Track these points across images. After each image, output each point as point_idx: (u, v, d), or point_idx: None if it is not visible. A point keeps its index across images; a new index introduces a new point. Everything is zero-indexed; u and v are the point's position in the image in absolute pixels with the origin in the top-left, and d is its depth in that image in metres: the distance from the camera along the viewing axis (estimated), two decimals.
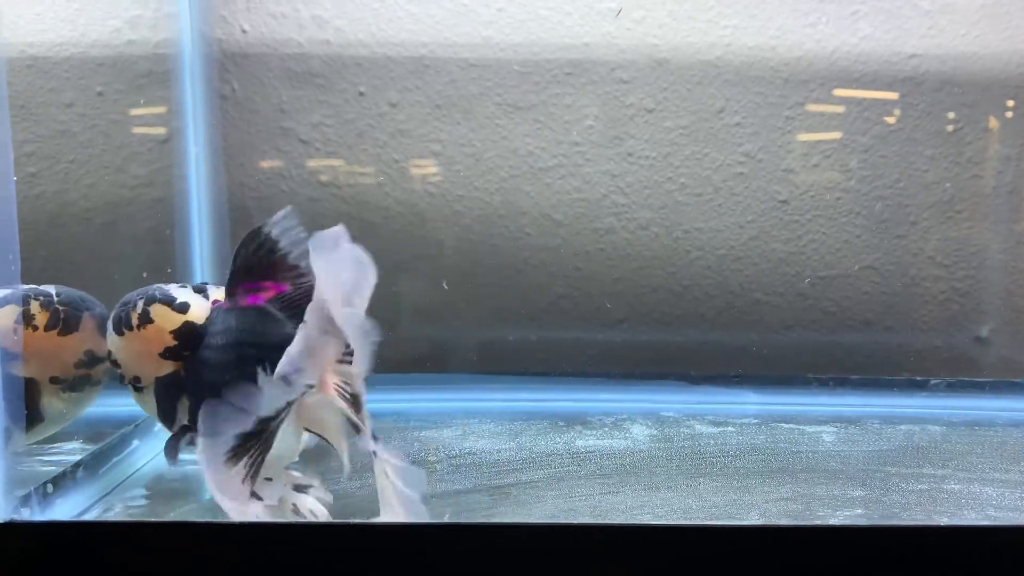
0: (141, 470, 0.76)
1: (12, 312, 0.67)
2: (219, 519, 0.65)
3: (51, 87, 0.98)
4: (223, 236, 1.04)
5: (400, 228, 1.08)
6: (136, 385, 0.69)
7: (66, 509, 0.65)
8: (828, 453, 0.84)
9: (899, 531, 0.60)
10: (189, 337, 0.67)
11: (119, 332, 0.68)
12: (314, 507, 0.66)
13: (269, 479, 0.62)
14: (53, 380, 0.70)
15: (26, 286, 0.70)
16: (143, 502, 0.68)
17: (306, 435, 0.66)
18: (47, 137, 0.98)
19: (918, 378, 1.08)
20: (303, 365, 0.57)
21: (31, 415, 0.70)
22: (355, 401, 0.59)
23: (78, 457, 0.71)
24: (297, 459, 0.68)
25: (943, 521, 0.64)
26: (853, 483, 0.74)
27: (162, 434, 0.84)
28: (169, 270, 1.00)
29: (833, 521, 0.64)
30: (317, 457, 0.73)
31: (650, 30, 1.07)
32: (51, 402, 0.71)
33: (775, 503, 0.69)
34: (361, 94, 1.07)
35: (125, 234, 1.01)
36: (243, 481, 0.58)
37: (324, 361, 0.58)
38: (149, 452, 0.79)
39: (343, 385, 0.59)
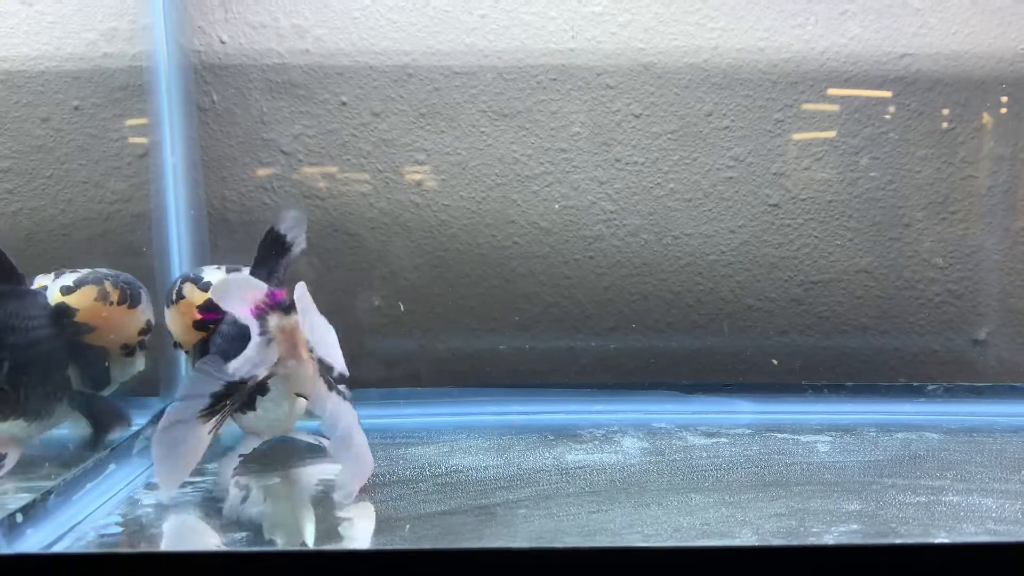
0: (117, 496, 0.73)
1: (91, 291, 0.80)
2: (196, 549, 0.64)
3: (26, 102, 0.96)
4: (203, 251, 1.02)
5: (386, 239, 1.06)
6: (182, 349, 0.87)
7: (36, 540, 0.63)
8: (823, 464, 0.82)
9: (895, 550, 0.59)
10: (210, 311, 0.81)
11: (167, 305, 0.86)
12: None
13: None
14: (123, 347, 0.82)
15: (86, 269, 0.82)
16: (117, 530, 0.66)
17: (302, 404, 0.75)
18: (23, 153, 0.96)
19: (915, 383, 1.06)
20: (258, 361, 0.69)
21: (103, 379, 0.82)
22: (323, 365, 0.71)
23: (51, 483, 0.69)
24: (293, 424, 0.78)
25: (941, 538, 0.63)
26: (849, 496, 0.73)
27: (139, 458, 0.82)
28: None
29: (828, 539, 0.62)
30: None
31: (636, 34, 1.05)
32: (117, 366, 0.82)
33: (769, 519, 0.67)
34: (343, 104, 1.05)
35: (104, 251, 0.99)
36: (209, 432, 0.68)
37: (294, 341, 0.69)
38: (126, 477, 0.77)
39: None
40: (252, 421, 0.78)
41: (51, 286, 0.80)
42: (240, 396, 0.70)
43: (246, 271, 0.83)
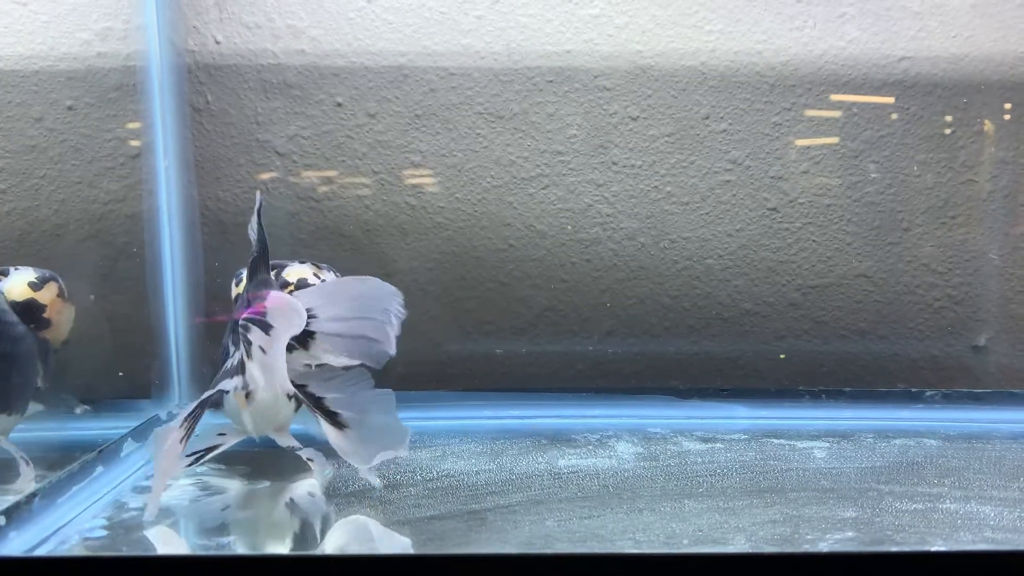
0: (103, 499, 0.73)
1: (54, 287, 0.80)
2: (179, 553, 0.63)
3: (20, 101, 0.96)
4: (195, 251, 1.02)
5: (381, 241, 1.05)
6: None
7: (19, 543, 0.62)
8: (819, 471, 0.81)
9: (890, 558, 0.58)
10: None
11: None
12: None
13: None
14: (63, 344, 0.82)
15: (24, 267, 0.81)
16: (102, 533, 0.65)
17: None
18: (16, 153, 0.96)
19: (913, 389, 1.05)
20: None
21: (48, 375, 0.81)
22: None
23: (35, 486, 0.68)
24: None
25: (937, 547, 0.62)
26: (845, 503, 0.72)
27: (127, 459, 0.81)
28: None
29: (822, 546, 0.61)
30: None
31: (633, 36, 1.05)
32: (51, 363, 0.82)
33: (763, 526, 0.66)
34: (339, 105, 1.04)
35: (98, 251, 0.98)
36: (180, 440, 0.68)
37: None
38: (113, 480, 0.76)
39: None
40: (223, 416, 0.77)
41: (6, 281, 0.80)
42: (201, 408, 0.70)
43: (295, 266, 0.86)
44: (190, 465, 0.73)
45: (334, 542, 0.65)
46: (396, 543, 0.64)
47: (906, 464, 0.83)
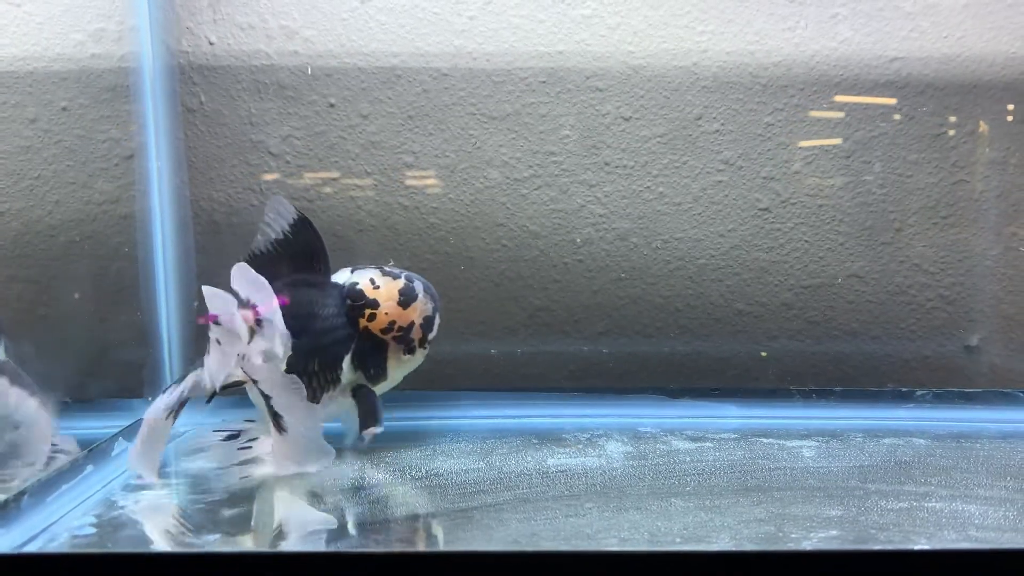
0: (93, 497, 0.73)
1: None
2: (167, 550, 0.63)
3: (14, 102, 0.96)
4: (188, 252, 1.02)
5: (374, 242, 1.06)
6: None
7: (7, 541, 0.62)
8: (807, 470, 0.81)
9: (873, 556, 0.58)
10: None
11: None
12: None
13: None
14: None
15: None
16: (91, 531, 0.65)
17: None
18: (11, 154, 0.96)
19: (903, 389, 1.05)
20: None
21: None
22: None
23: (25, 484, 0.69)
24: None
25: (920, 545, 0.62)
26: (831, 502, 0.72)
27: (118, 458, 0.82)
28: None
29: (806, 545, 0.61)
30: None
31: (625, 37, 1.05)
32: None
33: (747, 525, 0.66)
34: (332, 106, 1.05)
35: (92, 252, 0.99)
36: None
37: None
38: (103, 479, 0.77)
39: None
40: None
41: None
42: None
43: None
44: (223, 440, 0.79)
45: (323, 539, 0.66)
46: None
47: (894, 463, 0.84)
